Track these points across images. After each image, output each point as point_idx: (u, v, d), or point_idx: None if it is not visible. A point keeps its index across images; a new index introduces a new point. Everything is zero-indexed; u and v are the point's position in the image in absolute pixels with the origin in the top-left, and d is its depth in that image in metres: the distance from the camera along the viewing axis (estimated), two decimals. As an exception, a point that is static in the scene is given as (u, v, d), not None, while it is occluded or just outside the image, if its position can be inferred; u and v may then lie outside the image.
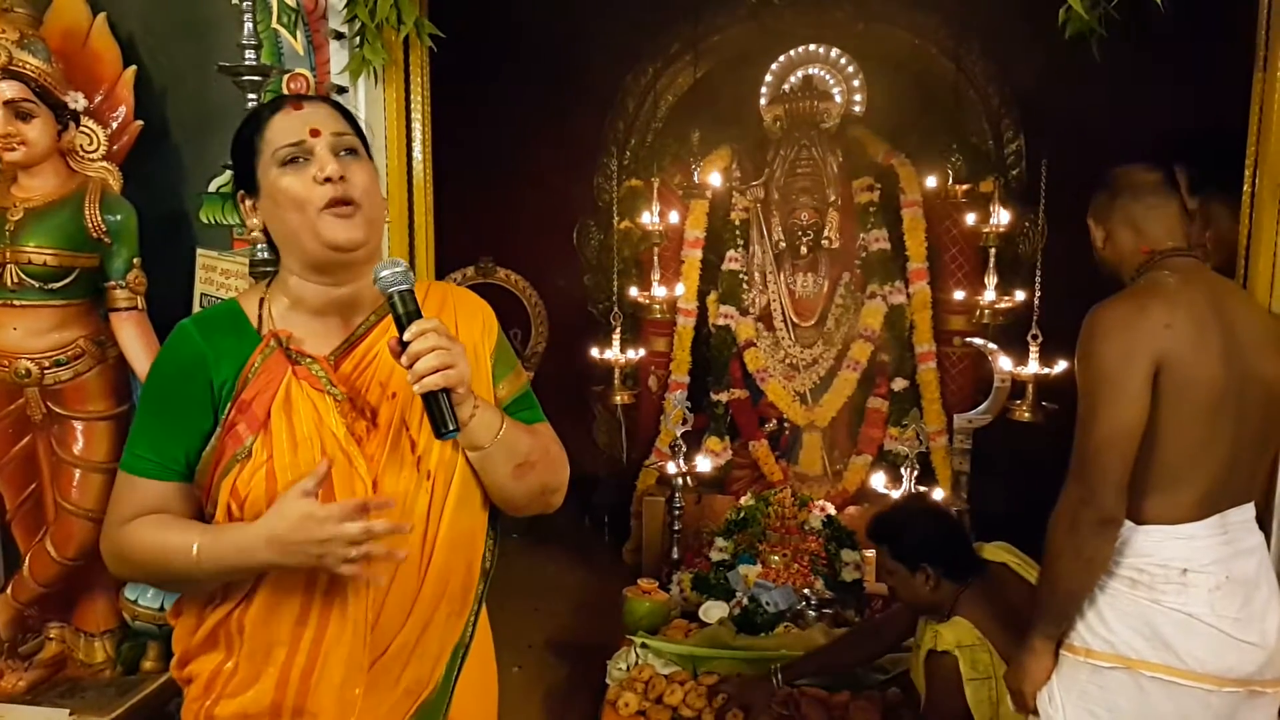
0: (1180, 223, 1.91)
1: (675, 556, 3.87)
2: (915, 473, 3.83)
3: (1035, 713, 1.92)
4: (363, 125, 1.47)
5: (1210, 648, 1.75)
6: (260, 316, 1.42)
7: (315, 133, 1.36)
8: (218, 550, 1.30)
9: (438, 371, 1.26)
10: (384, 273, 1.31)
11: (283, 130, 1.37)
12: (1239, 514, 1.81)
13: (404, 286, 1.31)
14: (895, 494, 3.66)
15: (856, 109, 4.66)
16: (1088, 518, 1.76)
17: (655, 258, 4.50)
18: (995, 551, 2.49)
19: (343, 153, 1.38)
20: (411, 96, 2.68)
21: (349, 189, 1.36)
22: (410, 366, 1.27)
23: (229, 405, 1.35)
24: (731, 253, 4.58)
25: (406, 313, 1.30)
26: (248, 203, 1.42)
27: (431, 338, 1.27)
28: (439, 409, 1.28)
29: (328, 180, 1.34)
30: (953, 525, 2.66)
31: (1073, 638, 1.86)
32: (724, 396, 4.51)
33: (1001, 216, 4.09)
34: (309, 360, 1.38)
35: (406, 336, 1.28)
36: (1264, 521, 2.26)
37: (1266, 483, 2.15)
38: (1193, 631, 1.75)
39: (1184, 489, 1.77)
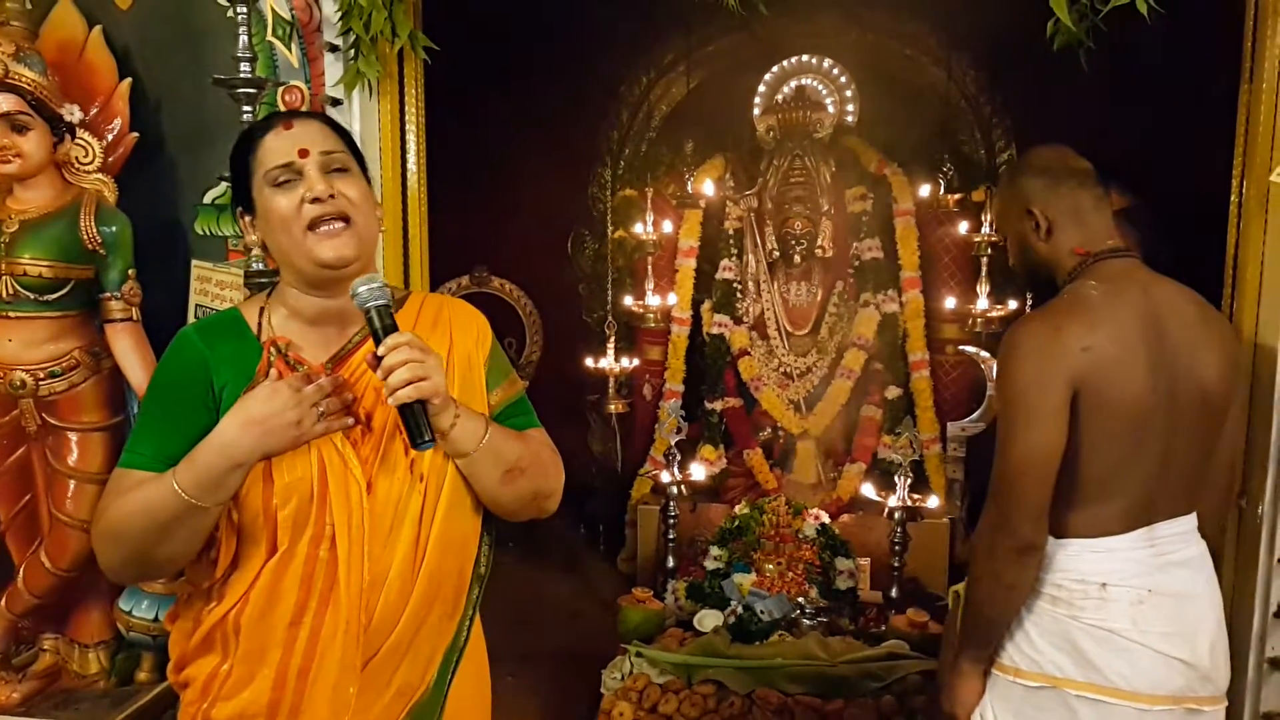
0: (1110, 218, 1.80)
1: (670, 565, 3.88)
2: (909, 481, 3.84)
3: None
4: (357, 139, 1.50)
5: (1135, 664, 1.68)
6: (260, 324, 1.45)
7: (304, 153, 1.38)
8: (197, 467, 1.29)
9: (410, 384, 1.29)
10: (360, 289, 1.34)
11: (273, 151, 1.40)
12: (1171, 526, 1.73)
13: (380, 301, 1.34)
14: (891, 501, 3.66)
15: (849, 119, 4.68)
16: (1005, 544, 1.69)
17: (649, 267, 4.52)
18: None
19: (332, 170, 1.40)
20: (406, 108, 2.69)
21: (339, 205, 1.38)
22: (386, 379, 1.30)
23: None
24: (725, 262, 4.60)
25: (383, 326, 1.33)
26: (246, 219, 1.45)
27: (404, 351, 1.30)
28: (413, 420, 1.31)
29: (316, 200, 1.37)
30: None
31: (1003, 656, 1.80)
32: (718, 405, 4.52)
33: (994, 225, 4.10)
34: (306, 368, 1.40)
35: (380, 351, 1.31)
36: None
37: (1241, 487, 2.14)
38: (1115, 647, 1.69)
39: (1105, 504, 1.70)
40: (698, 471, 4.23)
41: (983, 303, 4.10)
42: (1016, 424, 1.67)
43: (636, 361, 4.62)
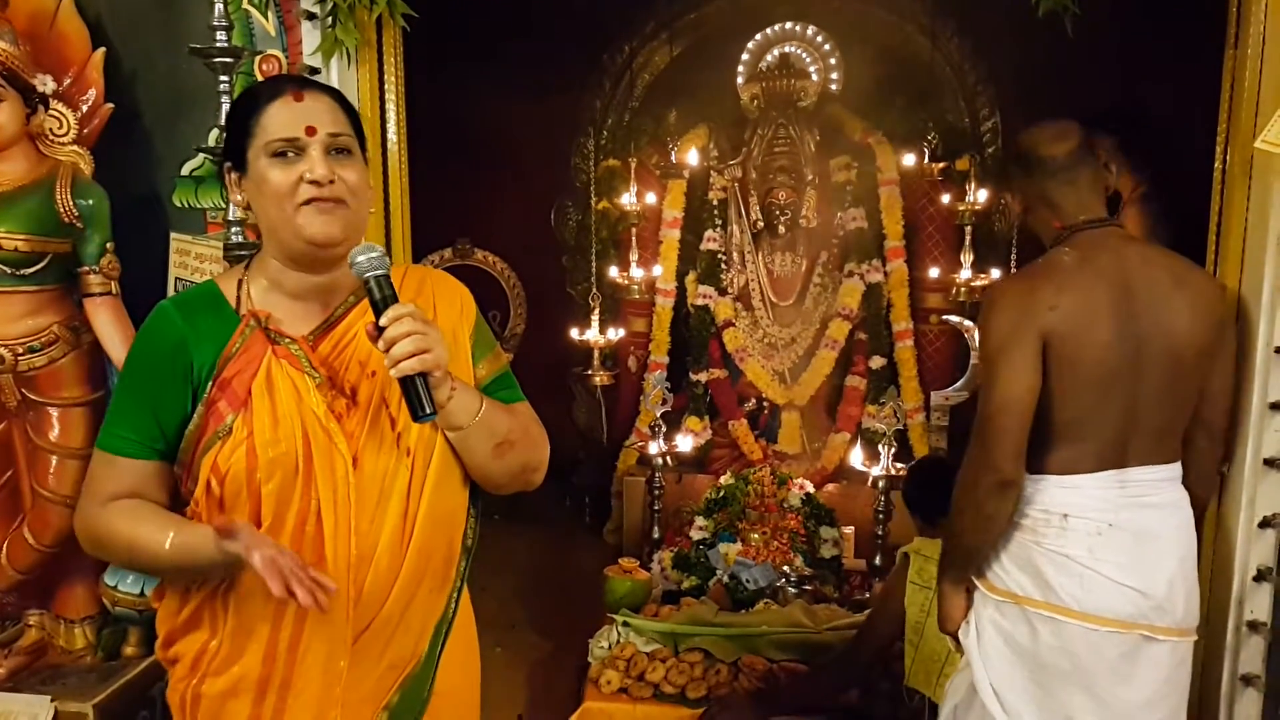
0: (1093, 191, 1.95)
1: (656, 536, 3.89)
2: (893, 450, 3.86)
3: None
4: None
5: (1087, 587, 1.86)
6: (239, 297, 1.44)
7: (311, 131, 1.36)
8: (190, 542, 1.32)
9: (413, 356, 1.28)
10: (359, 258, 1.32)
11: (280, 122, 1.37)
12: (1145, 473, 1.89)
13: (379, 271, 1.32)
14: (875, 471, 3.68)
15: (833, 87, 4.66)
16: (986, 480, 1.86)
17: (633, 238, 4.50)
18: None
19: (335, 151, 1.38)
20: (385, 77, 2.66)
21: (336, 190, 1.37)
22: (387, 351, 1.28)
23: (210, 384, 1.37)
24: (709, 233, 4.59)
25: (383, 297, 1.32)
26: (233, 176, 1.43)
27: (407, 323, 1.29)
28: (415, 393, 1.30)
29: (314, 182, 1.35)
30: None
31: (984, 572, 2.00)
32: (703, 376, 4.53)
33: (978, 194, 4.10)
34: (288, 341, 1.40)
35: (383, 322, 1.29)
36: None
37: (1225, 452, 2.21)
38: (1068, 571, 1.87)
39: (1076, 445, 1.88)
40: (683, 443, 4.23)
41: (966, 272, 4.10)
42: (996, 370, 1.86)
43: (621, 333, 4.60)
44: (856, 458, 4.11)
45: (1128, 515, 1.87)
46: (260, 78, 2.46)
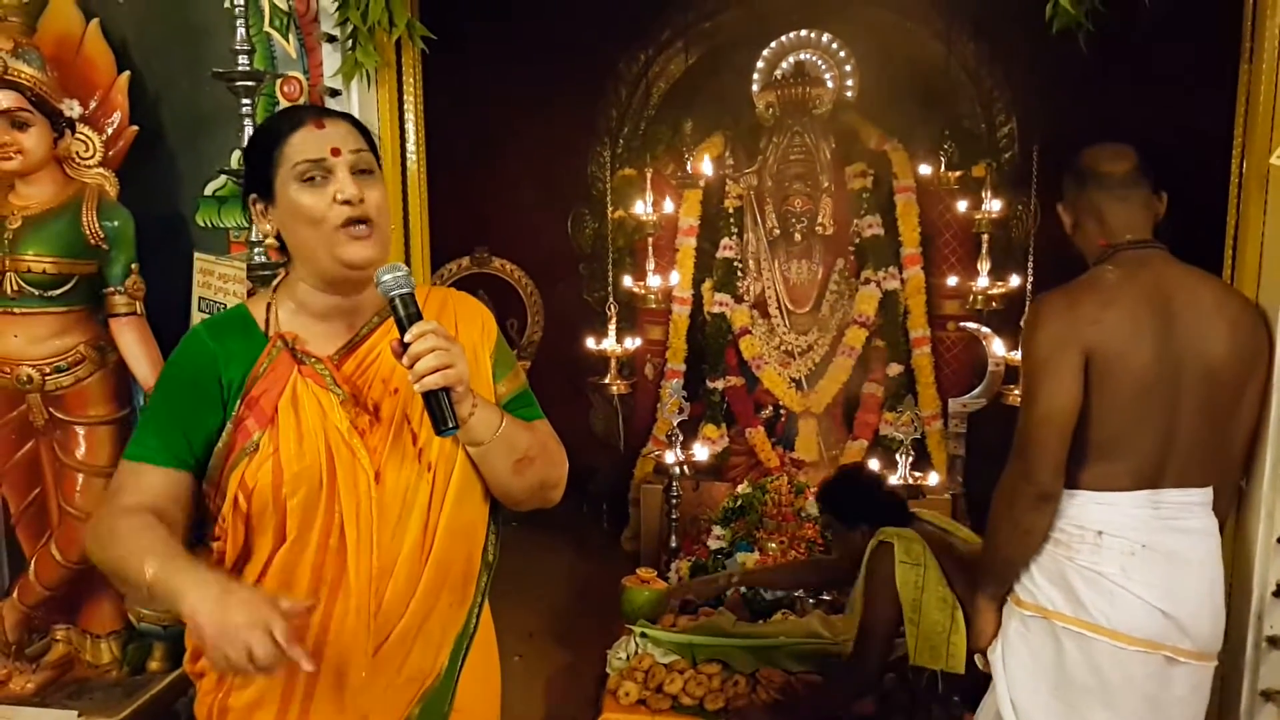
0: (1143, 213, 1.98)
1: (673, 544, 3.91)
2: (910, 458, 3.87)
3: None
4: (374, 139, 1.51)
5: (1116, 605, 1.88)
6: (267, 320, 1.47)
7: (336, 151, 1.39)
8: (162, 586, 1.26)
9: (437, 371, 1.31)
10: (385, 277, 1.35)
11: (304, 147, 1.40)
12: (1180, 495, 1.90)
13: (405, 290, 1.35)
14: (892, 479, 3.69)
15: (849, 94, 4.67)
16: (1026, 492, 1.89)
17: (650, 247, 4.52)
18: (925, 514, 2.88)
19: (359, 171, 1.41)
20: (405, 97, 2.69)
21: (366, 209, 1.40)
22: (411, 366, 1.31)
23: (238, 402, 1.40)
24: (726, 240, 4.61)
25: (408, 315, 1.35)
26: (259, 206, 1.46)
27: (431, 339, 1.31)
28: (439, 407, 1.33)
29: (346, 202, 1.38)
30: (884, 489, 2.99)
31: (1012, 586, 2.02)
32: (720, 384, 4.55)
33: (994, 202, 4.10)
34: (313, 360, 1.43)
35: (407, 338, 1.32)
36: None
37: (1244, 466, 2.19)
38: (1099, 588, 1.89)
39: (1112, 463, 1.89)
40: (700, 451, 4.25)
41: (984, 279, 4.10)
42: (1038, 383, 1.88)
43: (638, 341, 4.62)
44: (874, 466, 4.13)
45: (1160, 538, 1.89)
46: (282, 99, 2.49)
